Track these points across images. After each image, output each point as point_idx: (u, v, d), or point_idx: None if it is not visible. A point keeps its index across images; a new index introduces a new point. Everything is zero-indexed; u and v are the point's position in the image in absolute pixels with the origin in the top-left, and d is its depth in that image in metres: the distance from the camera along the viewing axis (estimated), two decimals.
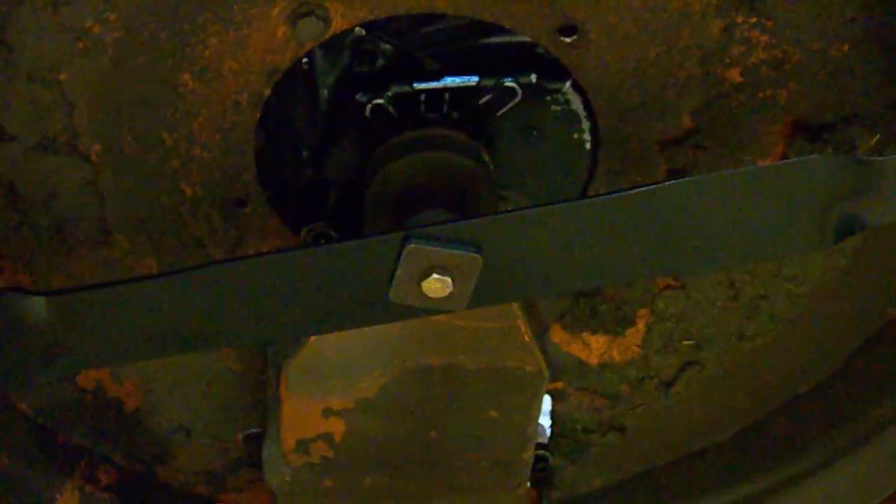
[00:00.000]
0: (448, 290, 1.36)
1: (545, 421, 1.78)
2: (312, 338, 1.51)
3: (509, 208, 1.54)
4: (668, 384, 1.81)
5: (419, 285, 1.36)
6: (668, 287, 1.74)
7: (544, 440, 1.80)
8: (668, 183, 1.53)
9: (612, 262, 1.51)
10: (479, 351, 1.48)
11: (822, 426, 1.79)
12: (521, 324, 1.53)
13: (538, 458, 1.76)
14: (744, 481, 1.83)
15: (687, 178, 1.55)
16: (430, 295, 1.36)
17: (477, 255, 1.36)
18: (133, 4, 1.44)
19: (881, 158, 1.45)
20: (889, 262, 1.70)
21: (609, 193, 1.52)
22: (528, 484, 1.75)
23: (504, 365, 1.53)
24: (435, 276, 1.36)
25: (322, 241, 1.56)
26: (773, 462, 1.82)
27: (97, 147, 1.56)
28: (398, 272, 1.35)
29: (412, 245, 1.35)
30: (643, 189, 1.51)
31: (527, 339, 1.56)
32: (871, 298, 1.74)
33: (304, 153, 1.57)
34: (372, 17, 1.46)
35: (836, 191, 1.43)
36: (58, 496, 1.83)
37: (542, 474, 1.82)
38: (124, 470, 1.89)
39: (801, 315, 1.75)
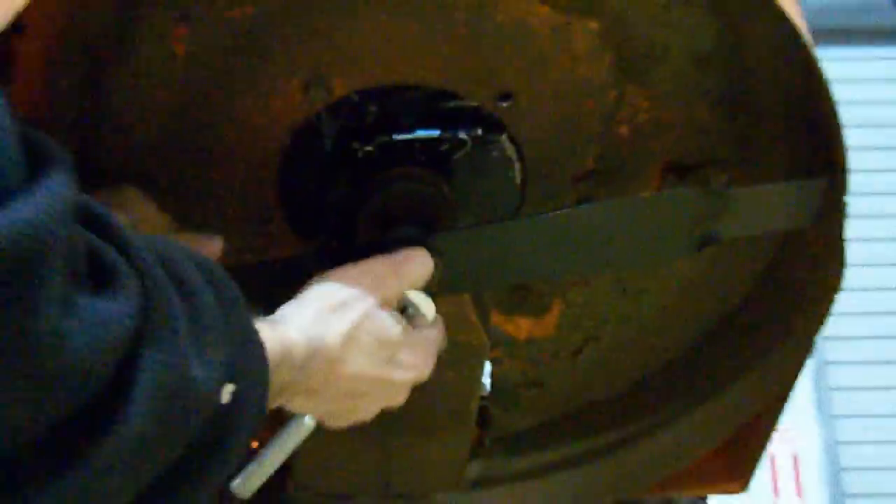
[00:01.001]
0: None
1: (486, 380, 1.81)
2: None
3: (462, 225, 1.60)
4: (575, 353, 1.87)
5: None
6: (575, 283, 1.79)
7: (486, 394, 1.84)
8: (577, 207, 1.62)
9: (536, 265, 1.57)
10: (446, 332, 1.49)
11: (685, 384, 1.85)
12: (469, 309, 1.58)
13: (481, 408, 1.79)
14: (628, 424, 1.88)
15: (590, 204, 1.64)
16: None
17: (438, 259, 1.44)
18: (192, 75, 1.50)
19: (731, 190, 1.55)
20: (736, 264, 1.76)
21: (534, 215, 1.62)
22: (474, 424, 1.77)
23: (457, 339, 1.56)
24: None
25: (326, 249, 1.60)
26: (649, 410, 1.87)
27: (163, 177, 1.60)
28: None
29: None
30: (559, 212, 1.61)
31: (474, 319, 1.60)
32: (722, 292, 1.80)
33: (313, 185, 1.61)
34: (363, 87, 1.53)
35: (697, 213, 1.50)
36: None
37: (483, 419, 1.84)
38: None
39: (671, 303, 1.81)
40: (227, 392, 0.89)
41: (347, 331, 1.21)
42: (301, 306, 1.21)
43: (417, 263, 1.35)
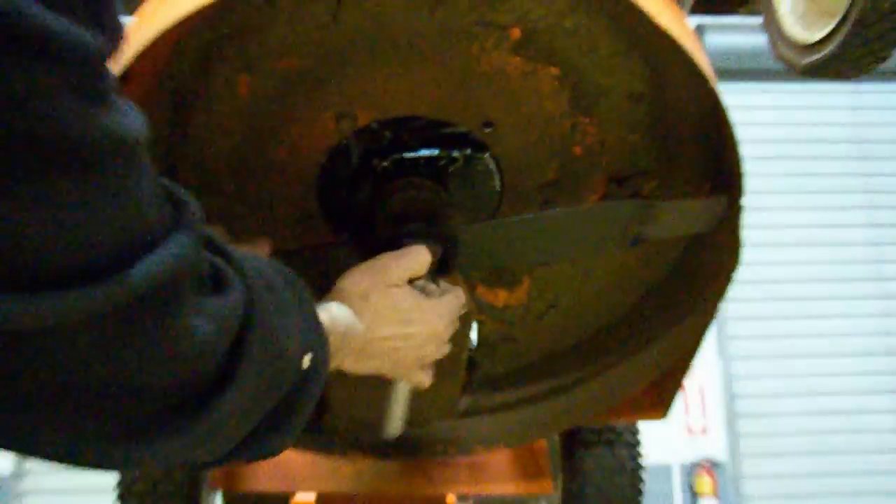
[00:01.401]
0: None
1: (473, 336, 1.71)
2: None
3: (461, 224, 1.56)
4: (540, 316, 1.84)
5: None
6: (541, 264, 1.77)
7: (473, 347, 1.73)
8: (543, 212, 1.59)
9: (511, 254, 1.56)
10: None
11: (622, 340, 1.82)
12: (463, 286, 1.51)
13: (469, 357, 1.72)
14: (580, 369, 1.85)
15: (553, 210, 1.61)
16: None
17: (437, 247, 1.41)
18: (252, 110, 1.47)
19: (658, 202, 1.53)
20: (659, 251, 1.73)
21: (511, 217, 1.60)
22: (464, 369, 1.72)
23: None
24: None
25: (354, 239, 1.56)
26: (596, 359, 1.84)
27: (231, 186, 1.59)
28: None
29: (407, 240, 1.40)
30: (530, 215, 1.59)
31: (464, 287, 1.52)
32: (649, 272, 1.77)
33: (343, 192, 1.58)
34: (381, 118, 1.50)
35: (631, 219, 1.49)
36: None
37: (471, 365, 1.75)
38: None
39: (612, 280, 1.78)
40: (307, 360, 0.93)
41: (371, 308, 1.23)
42: (339, 295, 1.22)
43: (413, 255, 1.34)
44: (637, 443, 2.17)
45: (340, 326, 1.16)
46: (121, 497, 2.00)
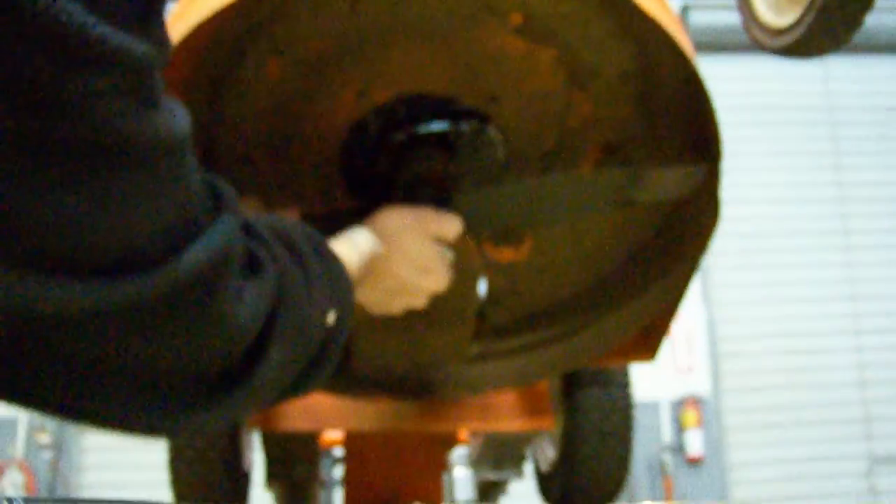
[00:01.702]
0: None
1: (482, 289, 1.79)
2: None
3: (469, 190, 1.57)
4: (541, 271, 1.82)
5: None
6: (541, 224, 1.75)
7: (481, 298, 1.80)
8: (543, 178, 1.59)
9: (515, 214, 1.57)
10: (454, 261, 1.47)
11: (615, 292, 1.79)
12: (470, 245, 1.56)
13: (478, 309, 1.77)
14: (577, 318, 1.83)
15: (553, 176, 1.61)
16: None
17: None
18: (281, 90, 1.47)
19: (645, 170, 1.53)
20: (647, 212, 1.71)
21: (514, 182, 1.61)
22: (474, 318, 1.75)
23: (462, 264, 1.52)
24: None
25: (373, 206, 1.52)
26: (591, 309, 1.81)
27: (263, 160, 1.57)
28: None
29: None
30: (532, 180, 1.59)
31: (473, 249, 1.60)
32: (638, 230, 1.75)
33: (364, 162, 1.56)
34: (396, 96, 1.49)
35: (621, 184, 1.49)
36: None
37: (480, 315, 1.81)
38: None
39: (605, 238, 1.76)
40: (331, 317, 0.94)
41: (400, 246, 1.26)
42: (376, 223, 1.26)
43: (451, 220, 1.36)
44: (629, 383, 2.17)
45: (365, 254, 1.18)
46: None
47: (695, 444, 10.11)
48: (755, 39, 1.28)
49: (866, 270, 10.40)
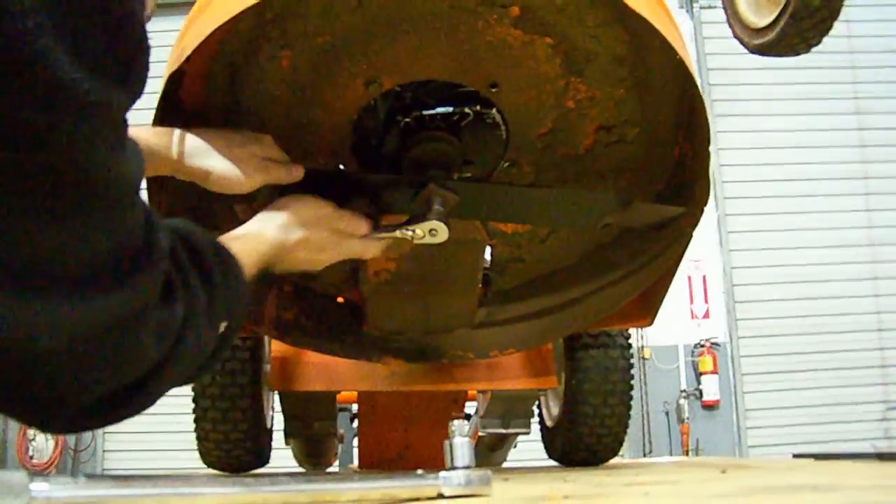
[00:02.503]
0: (441, 210, 1.50)
1: (487, 258, 1.87)
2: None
3: (468, 175, 1.66)
4: (543, 240, 1.91)
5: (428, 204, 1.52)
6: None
7: (487, 266, 1.90)
8: (537, 189, 1.72)
9: (501, 213, 1.70)
10: (460, 233, 1.58)
11: (614, 260, 1.88)
12: (476, 223, 1.67)
13: (484, 275, 1.87)
14: (578, 285, 1.92)
15: (548, 189, 1.73)
16: (434, 207, 1.50)
17: (455, 196, 1.53)
18: (294, 78, 1.54)
19: (636, 203, 1.67)
20: (637, 194, 1.77)
21: (512, 186, 1.72)
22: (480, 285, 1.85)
23: (468, 237, 1.66)
24: (437, 199, 1.52)
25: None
26: (591, 276, 1.91)
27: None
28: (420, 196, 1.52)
29: (431, 185, 1.52)
30: (527, 188, 1.71)
31: (477, 225, 1.70)
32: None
33: (373, 143, 1.63)
34: (403, 82, 1.56)
35: (608, 209, 1.65)
36: None
37: (486, 282, 1.90)
38: None
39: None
40: (223, 327, 1.04)
41: (302, 235, 1.40)
42: (287, 212, 1.39)
43: (358, 223, 1.48)
44: (628, 346, 2.26)
45: (271, 244, 1.33)
46: (195, 393, 2.13)
47: (711, 389, 10.25)
48: (736, 36, 1.37)
49: (885, 216, 10.37)
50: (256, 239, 1.31)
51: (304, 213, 1.41)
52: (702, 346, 10.30)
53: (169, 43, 1.45)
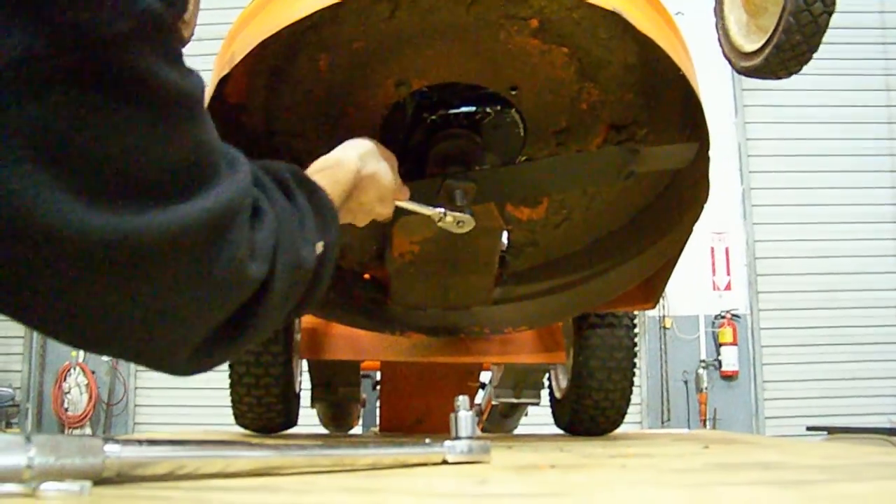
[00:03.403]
0: (463, 203, 1.60)
1: (504, 241, 1.99)
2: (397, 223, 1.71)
3: (487, 166, 1.73)
4: (556, 226, 2.03)
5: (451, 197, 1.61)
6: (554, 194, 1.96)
7: (504, 248, 2.02)
8: (557, 156, 1.81)
9: (530, 188, 1.80)
10: (480, 220, 1.63)
11: (621, 246, 1.99)
12: (493, 208, 1.76)
13: (501, 257, 1.99)
14: (587, 268, 2.04)
15: (566, 155, 1.82)
16: (457, 201, 1.60)
17: (474, 185, 1.63)
18: (331, 79, 1.66)
19: (642, 147, 1.73)
20: (650, 181, 1.90)
21: (533, 160, 1.82)
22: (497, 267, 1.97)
23: (486, 224, 1.73)
24: (458, 192, 1.62)
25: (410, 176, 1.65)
26: (600, 260, 2.02)
27: (315, 136, 1.75)
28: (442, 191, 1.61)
29: (448, 181, 1.63)
30: (547, 159, 1.80)
31: (495, 213, 1.79)
32: (642, 195, 1.95)
33: (402, 139, 1.73)
34: (430, 84, 1.68)
35: (622, 160, 1.69)
36: None
37: (502, 263, 2.02)
38: None
39: (612, 201, 1.97)
40: (320, 247, 1.04)
41: (372, 177, 1.37)
42: (355, 154, 1.36)
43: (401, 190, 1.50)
44: (633, 326, 2.39)
45: (344, 186, 1.29)
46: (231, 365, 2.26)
47: (730, 360, 10.33)
48: (726, 58, 1.50)
49: None
50: (336, 168, 1.29)
51: (378, 150, 1.42)
52: (722, 317, 10.36)
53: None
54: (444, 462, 1.09)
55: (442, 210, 1.57)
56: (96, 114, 0.68)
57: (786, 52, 1.33)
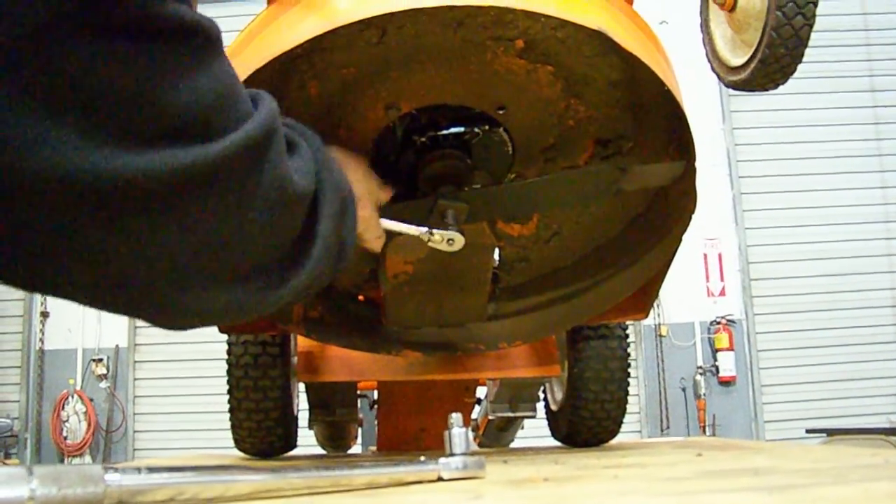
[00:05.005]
0: (454, 223, 1.64)
1: (496, 258, 1.98)
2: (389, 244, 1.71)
3: (477, 186, 1.75)
4: (547, 241, 2.05)
5: (443, 217, 1.65)
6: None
7: (496, 265, 2.00)
8: (546, 177, 1.82)
9: (520, 207, 1.82)
10: (471, 238, 1.67)
11: (611, 259, 2.03)
12: (485, 226, 1.80)
13: (493, 273, 1.98)
14: (578, 282, 2.07)
15: (555, 174, 1.84)
16: (448, 220, 1.64)
17: (466, 205, 1.67)
18: (321, 103, 1.68)
19: (630, 165, 1.76)
20: (638, 196, 1.92)
21: (521, 181, 1.84)
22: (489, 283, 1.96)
23: (478, 241, 1.77)
24: (450, 212, 1.66)
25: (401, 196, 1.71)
26: (590, 274, 2.05)
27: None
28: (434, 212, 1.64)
29: (440, 201, 1.66)
30: (535, 179, 1.81)
31: (487, 231, 1.83)
32: (630, 209, 1.98)
33: (392, 160, 1.75)
34: (418, 106, 1.70)
35: (610, 177, 1.73)
36: None
37: (495, 279, 2.02)
38: None
39: (603, 214, 1.99)
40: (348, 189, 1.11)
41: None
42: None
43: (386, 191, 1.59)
44: (625, 336, 2.41)
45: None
46: (229, 385, 2.27)
47: (727, 365, 10.36)
48: (714, 71, 1.54)
49: None
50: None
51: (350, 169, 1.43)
52: (718, 322, 10.40)
53: None
54: (440, 479, 1.11)
55: (427, 229, 1.60)
56: (133, 62, 0.71)
57: (771, 66, 1.38)
